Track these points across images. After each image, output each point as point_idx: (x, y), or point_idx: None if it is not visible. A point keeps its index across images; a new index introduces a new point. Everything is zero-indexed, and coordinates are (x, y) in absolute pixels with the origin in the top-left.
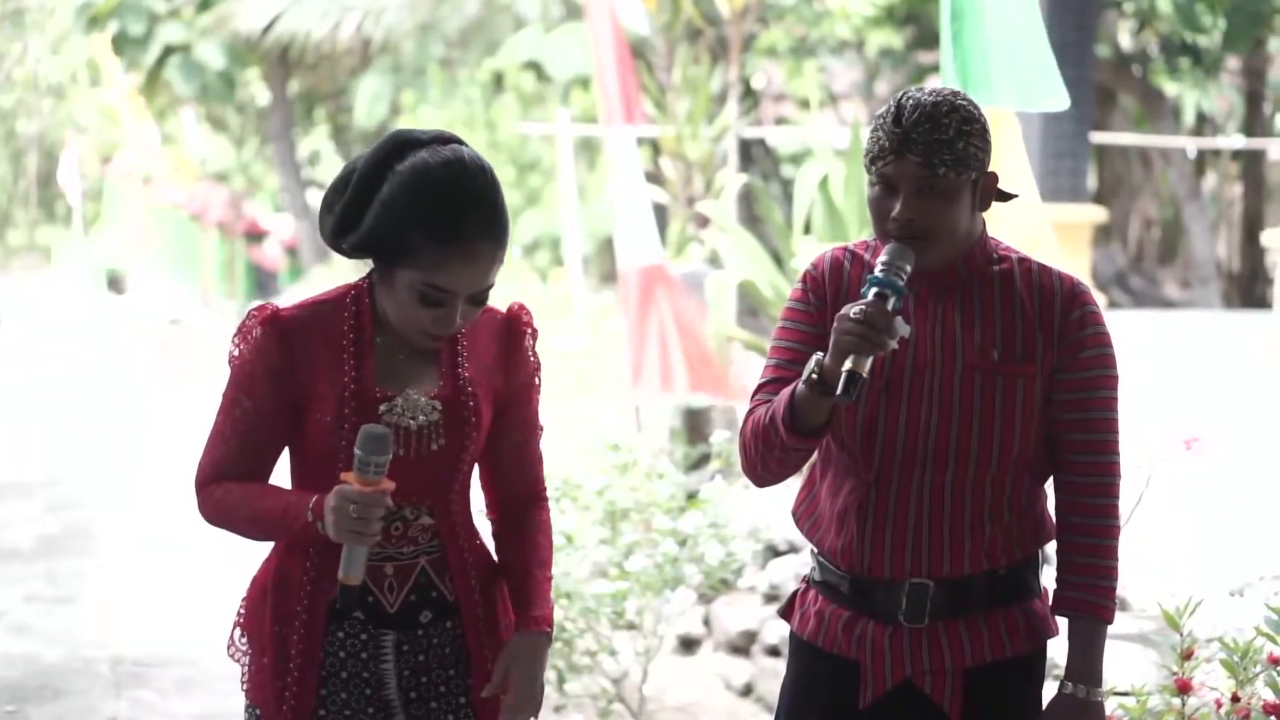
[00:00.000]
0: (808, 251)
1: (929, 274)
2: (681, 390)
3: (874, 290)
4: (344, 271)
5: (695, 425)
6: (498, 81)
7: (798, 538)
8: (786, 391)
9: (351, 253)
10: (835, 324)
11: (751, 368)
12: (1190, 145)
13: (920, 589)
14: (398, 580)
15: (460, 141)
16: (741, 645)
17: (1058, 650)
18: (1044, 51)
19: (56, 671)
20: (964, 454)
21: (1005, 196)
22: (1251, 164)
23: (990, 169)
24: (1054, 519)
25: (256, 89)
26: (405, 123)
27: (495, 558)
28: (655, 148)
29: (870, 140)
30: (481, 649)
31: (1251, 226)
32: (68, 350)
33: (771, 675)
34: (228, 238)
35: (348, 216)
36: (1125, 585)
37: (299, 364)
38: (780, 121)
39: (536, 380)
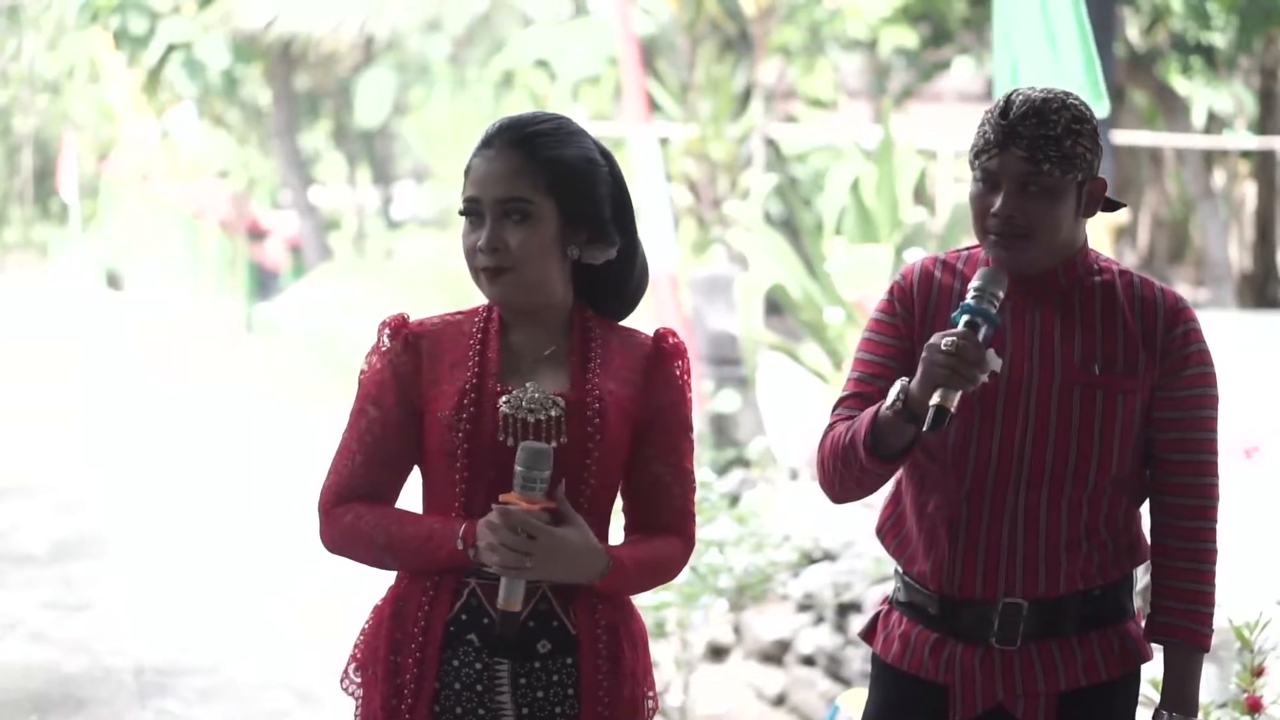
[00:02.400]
0: (839, 254)
1: (1026, 281)
2: None
3: (964, 319)
4: (349, 265)
5: (722, 429)
6: (506, 80)
7: (832, 545)
8: (869, 413)
9: None
10: (925, 353)
11: (776, 370)
12: (1208, 144)
13: (1014, 609)
14: None
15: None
16: (774, 654)
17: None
18: (1090, 55)
19: (78, 681)
20: (1060, 471)
21: (1113, 205)
22: (1264, 163)
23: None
24: (1149, 540)
25: (258, 86)
26: (412, 121)
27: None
28: (664, 144)
29: (976, 135)
30: (596, 692)
31: (1264, 226)
32: (66, 348)
33: (805, 685)
34: (229, 236)
35: None
36: None
37: (424, 367)
38: (789, 120)
39: (684, 410)
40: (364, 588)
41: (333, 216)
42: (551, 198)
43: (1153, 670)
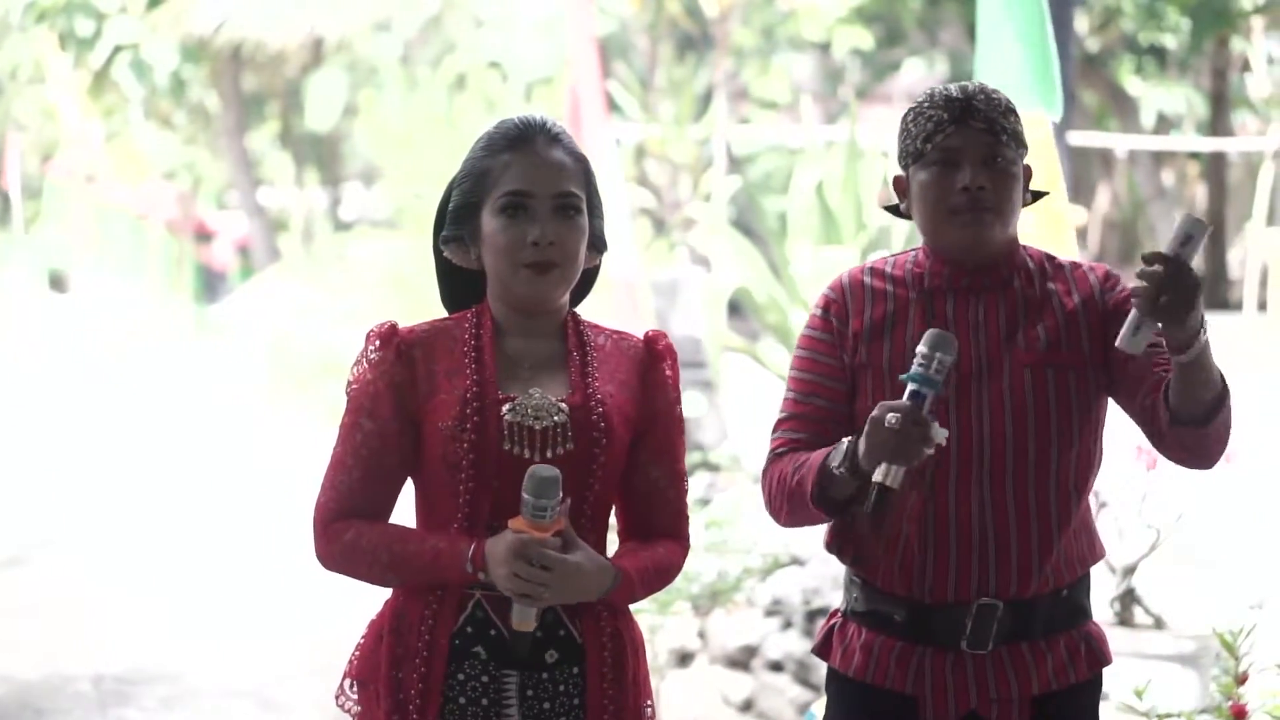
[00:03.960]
0: (803, 257)
1: (969, 275)
2: None
3: (910, 389)
4: (298, 266)
5: (686, 433)
6: (460, 82)
7: (800, 550)
8: (815, 461)
9: (452, 241)
10: (869, 426)
11: (739, 373)
12: (1165, 145)
13: (988, 610)
14: None
15: None
16: (740, 660)
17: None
18: (1050, 58)
19: (36, 690)
20: (1022, 459)
21: (1037, 196)
22: (1215, 165)
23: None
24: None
25: (205, 87)
26: (363, 122)
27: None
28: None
29: (918, 123)
30: (602, 700)
31: (1216, 228)
32: (10, 350)
33: (774, 691)
34: (176, 237)
35: (440, 216)
36: (1164, 605)
37: (420, 376)
38: (742, 121)
39: (678, 412)
40: (328, 593)
41: (280, 217)
42: (586, 197)
43: (1134, 679)
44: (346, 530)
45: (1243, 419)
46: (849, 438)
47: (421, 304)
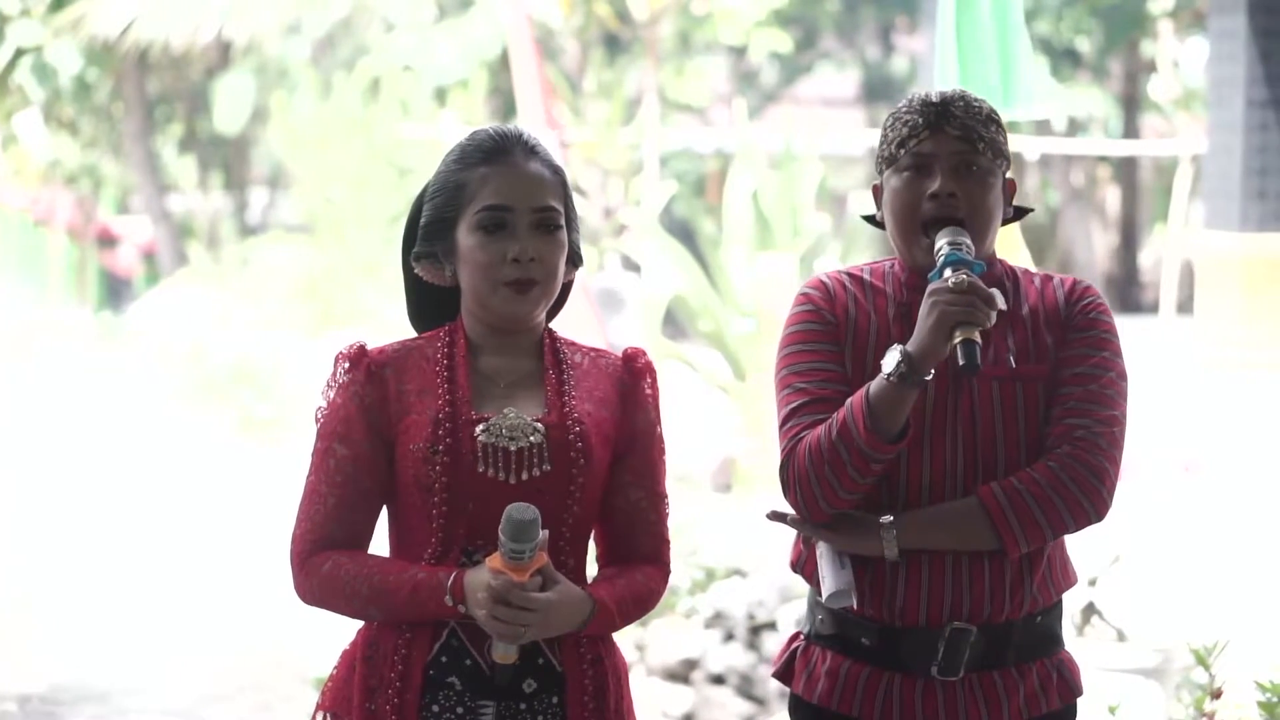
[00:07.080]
0: (739, 263)
1: None
2: None
3: (951, 265)
4: (206, 272)
5: None
6: (374, 85)
7: (740, 562)
8: (856, 398)
9: (424, 257)
10: (930, 299)
11: (672, 381)
12: (1085, 149)
13: (961, 635)
14: None
15: None
16: (680, 673)
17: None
18: (1030, 59)
19: None
20: (991, 473)
21: (1022, 212)
22: (1126, 167)
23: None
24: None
25: (109, 91)
26: (275, 126)
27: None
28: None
29: (895, 128)
30: None
31: (1128, 231)
32: None
33: (716, 706)
34: (77, 243)
35: (410, 230)
36: (1124, 618)
37: (391, 396)
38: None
39: (659, 431)
40: (258, 609)
41: (184, 222)
42: (565, 211)
43: (1098, 692)
44: (324, 563)
45: (1202, 425)
46: (893, 346)
47: (331, 310)
